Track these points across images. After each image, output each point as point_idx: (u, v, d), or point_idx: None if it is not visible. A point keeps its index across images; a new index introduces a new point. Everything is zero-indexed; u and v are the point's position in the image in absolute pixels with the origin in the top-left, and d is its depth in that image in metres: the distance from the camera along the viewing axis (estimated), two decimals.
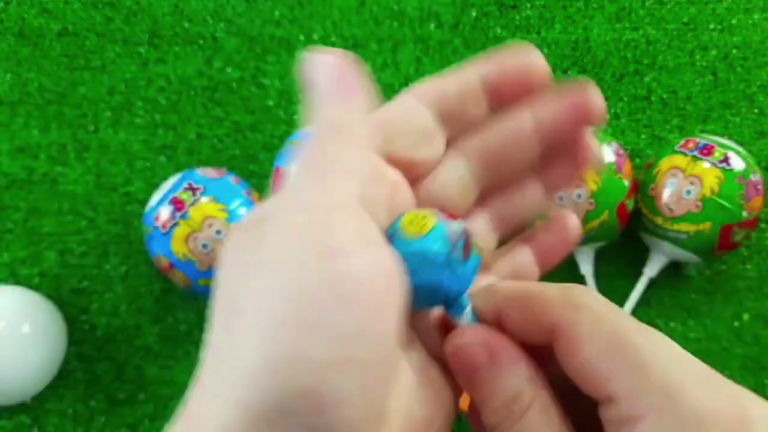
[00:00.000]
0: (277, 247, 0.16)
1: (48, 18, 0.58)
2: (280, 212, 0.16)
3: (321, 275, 0.15)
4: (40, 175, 0.53)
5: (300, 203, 0.16)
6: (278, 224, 0.16)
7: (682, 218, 0.46)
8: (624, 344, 0.17)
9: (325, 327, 0.15)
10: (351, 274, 0.15)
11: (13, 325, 0.45)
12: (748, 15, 0.60)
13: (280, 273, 0.15)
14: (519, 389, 0.18)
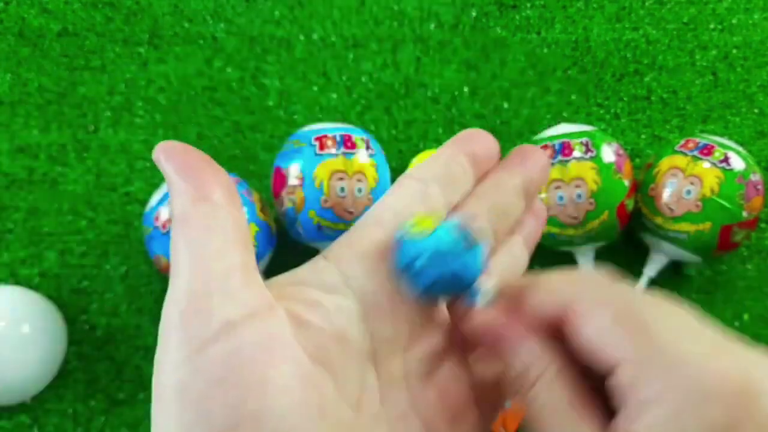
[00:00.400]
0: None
1: (48, 18, 0.58)
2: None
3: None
4: (40, 175, 0.53)
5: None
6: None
7: (682, 218, 0.46)
8: (630, 315, 0.18)
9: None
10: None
11: (13, 325, 0.45)
12: (749, 15, 0.60)
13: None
14: (529, 362, 0.19)
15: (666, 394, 0.16)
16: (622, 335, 0.18)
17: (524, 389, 0.19)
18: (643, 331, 0.17)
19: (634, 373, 0.17)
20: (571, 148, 0.46)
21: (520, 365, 0.19)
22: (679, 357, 0.17)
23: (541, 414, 0.19)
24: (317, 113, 0.56)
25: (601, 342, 0.18)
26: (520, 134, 0.56)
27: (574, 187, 0.45)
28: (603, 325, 0.18)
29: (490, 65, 0.58)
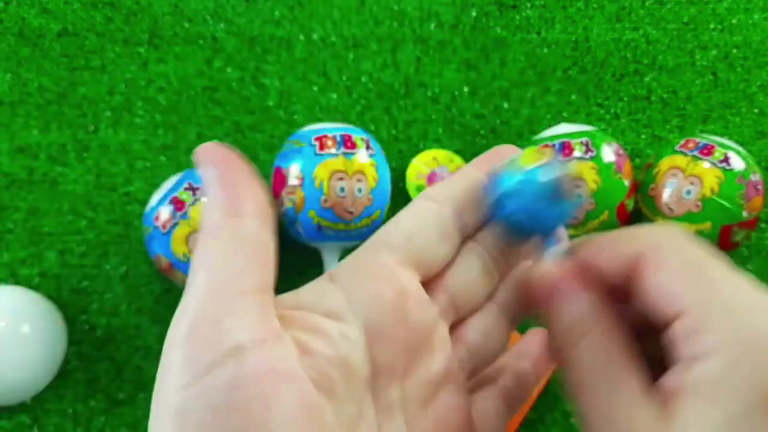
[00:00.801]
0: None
1: (48, 18, 0.58)
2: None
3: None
4: (40, 175, 0.53)
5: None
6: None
7: (682, 218, 0.46)
8: (699, 269, 0.18)
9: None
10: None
11: (13, 325, 0.45)
12: (749, 15, 0.60)
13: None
14: (579, 317, 0.19)
15: (727, 342, 0.16)
16: (689, 284, 0.18)
17: (570, 343, 0.19)
18: (710, 282, 0.18)
19: (694, 323, 0.17)
20: (571, 148, 0.46)
21: (568, 320, 0.20)
22: (742, 308, 0.17)
23: (580, 371, 0.19)
24: (317, 113, 0.56)
25: (667, 289, 0.18)
26: (520, 134, 0.56)
27: (574, 187, 0.45)
28: (672, 273, 0.18)
29: (490, 65, 0.58)
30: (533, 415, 0.47)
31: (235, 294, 0.17)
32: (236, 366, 0.16)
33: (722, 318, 0.17)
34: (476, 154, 0.55)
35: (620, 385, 0.18)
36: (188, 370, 0.16)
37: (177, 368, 0.17)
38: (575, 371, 0.19)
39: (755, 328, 0.17)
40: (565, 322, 0.20)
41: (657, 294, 0.18)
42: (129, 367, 0.50)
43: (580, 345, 0.19)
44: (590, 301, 0.20)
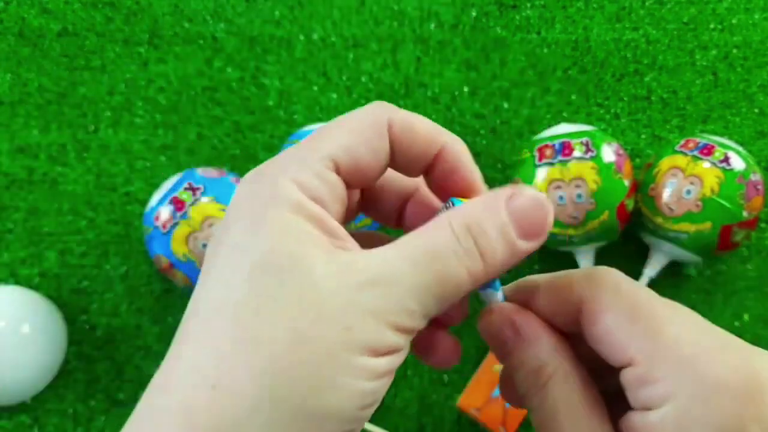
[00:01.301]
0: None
1: (48, 18, 0.58)
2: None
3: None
4: (40, 175, 0.53)
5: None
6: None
7: (682, 218, 0.46)
8: (642, 313, 0.18)
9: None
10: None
11: (13, 325, 0.45)
12: (749, 15, 0.60)
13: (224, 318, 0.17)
14: (543, 360, 0.20)
15: (677, 389, 0.17)
16: (633, 332, 0.18)
17: (536, 387, 0.20)
18: (655, 328, 0.18)
19: (643, 372, 0.18)
20: (571, 148, 0.46)
21: (535, 361, 0.20)
22: (690, 353, 0.17)
23: (553, 410, 0.19)
24: (317, 113, 0.56)
25: (612, 339, 0.19)
26: (520, 134, 0.56)
27: (574, 187, 0.45)
28: (614, 322, 0.19)
29: (490, 65, 0.58)
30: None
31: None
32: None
33: (670, 366, 0.17)
34: (476, 154, 0.55)
35: (590, 422, 0.19)
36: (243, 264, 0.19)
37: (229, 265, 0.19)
38: (542, 414, 0.20)
39: (702, 373, 0.17)
40: (529, 366, 0.20)
41: (603, 343, 0.19)
42: (129, 367, 0.50)
43: (546, 387, 0.19)
44: (553, 344, 0.20)
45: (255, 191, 0.19)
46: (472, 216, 0.18)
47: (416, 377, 0.49)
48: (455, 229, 0.18)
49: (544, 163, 0.46)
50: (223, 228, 0.19)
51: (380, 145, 0.20)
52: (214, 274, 0.18)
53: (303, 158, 0.19)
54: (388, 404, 0.48)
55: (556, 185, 0.46)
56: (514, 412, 0.45)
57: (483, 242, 0.18)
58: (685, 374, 0.17)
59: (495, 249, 0.18)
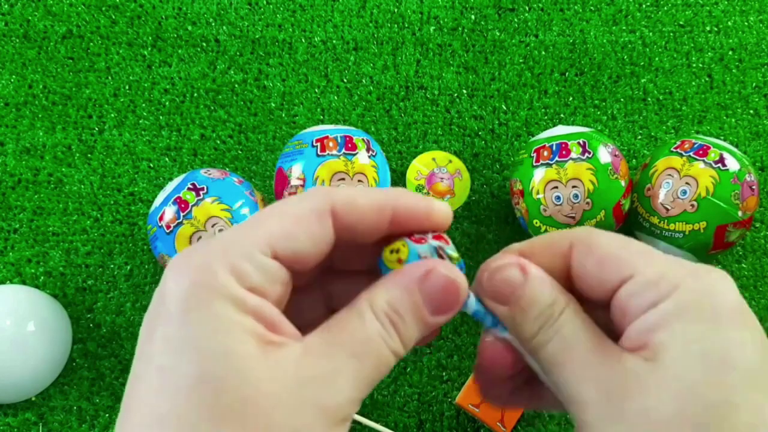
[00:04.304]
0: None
1: (53, 20, 0.58)
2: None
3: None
4: (46, 176, 0.54)
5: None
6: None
7: (677, 218, 0.46)
8: (631, 242, 0.21)
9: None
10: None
11: (19, 323, 0.46)
12: (744, 17, 0.60)
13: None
14: (554, 296, 0.21)
15: (682, 281, 0.19)
16: (630, 252, 0.20)
17: (550, 322, 0.20)
18: (647, 249, 0.20)
19: (650, 274, 0.19)
20: (568, 149, 0.47)
21: (548, 296, 0.21)
22: (683, 264, 0.19)
23: (571, 340, 0.20)
24: (318, 115, 0.57)
25: (613, 259, 0.20)
26: (518, 135, 0.57)
27: (571, 187, 0.46)
28: (612, 246, 0.20)
29: (489, 67, 0.59)
30: (531, 411, 0.48)
31: None
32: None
33: (671, 268, 0.19)
34: (475, 156, 0.56)
35: (603, 346, 0.20)
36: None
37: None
38: (556, 347, 0.20)
39: (698, 267, 0.19)
40: (543, 302, 0.21)
41: (602, 265, 0.20)
42: None
43: (560, 321, 0.20)
44: (558, 285, 0.21)
45: (190, 282, 0.18)
46: (390, 301, 0.20)
47: (416, 374, 0.50)
48: (379, 317, 0.19)
49: (542, 164, 0.47)
50: (154, 324, 0.18)
51: (320, 233, 0.20)
52: (149, 378, 0.17)
53: (239, 245, 0.19)
54: (387, 401, 0.49)
55: (553, 186, 0.46)
56: (512, 410, 0.46)
57: (401, 328, 0.20)
58: (687, 274, 0.19)
59: (411, 330, 0.20)
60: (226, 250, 0.18)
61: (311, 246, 0.20)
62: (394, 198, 0.21)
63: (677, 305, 0.18)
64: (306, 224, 0.20)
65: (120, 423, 0.18)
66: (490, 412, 0.46)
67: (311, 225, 0.20)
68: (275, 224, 0.19)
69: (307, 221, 0.20)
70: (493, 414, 0.46)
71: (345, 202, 0.20)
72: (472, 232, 0.53)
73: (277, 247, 0.19)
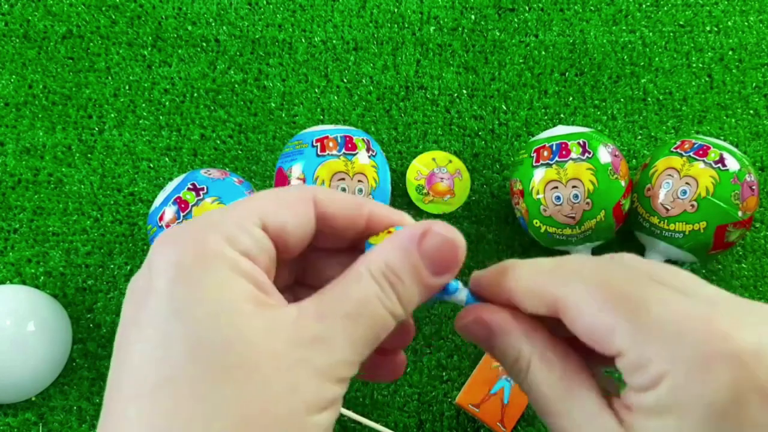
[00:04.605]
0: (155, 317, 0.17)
1: (53, 20, 0.58)
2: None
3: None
4: (46, 176, 0.54)
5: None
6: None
7: (677, 218, 0.47)
8: (618, 299, 0.18)
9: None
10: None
11: (19, 323, 0.46)
12: (744, 17, 0.60)
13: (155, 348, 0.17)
14: (517, 349, 0.21)
15: (669, 368, 0.17)
16: (615, 322, 0.18)
17: (521, 373, 0.20)
18: (634, 311, 0.18)
19: (635, 356, 0.18)
20: (568, 150, 0.47)
21: (512, 350, 0.21)
22: (675, 330, 0.17)
23: (539, 393, 0.20)
24: (318, 115, 0.57)
25: (597, 335, 0.18)
26: (518, 136, 0.57)
27: (571, 187, 0.46)
28: (594, 317, 0.18)
29: (489, 67, 0.59)
30: (531, 411, 0.48)
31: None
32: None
33: (658, 347, 0.17)
34: (474, 155, 0.56)
35: (577, 398, 0.19)
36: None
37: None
38: (534, 396, 0.20)
39: (692, 348, 0.17)
40: (509, 356, 0.21)
41: (589, 340, 0.19)
42: None
43: (529, 373, 0.20)
44: (523, 331, 0.21)
45: (181, 250, 0.18)
46: (387, 262, 0.19)
47: (416, 374, 0.50)
48: (376, 278, 0.19)
49: (542, 164, 0.47)
50: (143, 293, 0.18)
51: (306, 215, 0.20)
52: (142, 347, 0.17)
53: (229, 217, 0.19)
54: (387, 401, 0.49)
55: (553, 186, 0.46)
56: (512, 408, 0.46)
57: (400, 289, 0.19)
58: (675, 352, 0.17)
59: (411, 291, 0.20)
60: (216, 222, 0.19)
61: (297, 226, 0.20)
62: (372, 203, 0.22)
63: (661, 403, 0.17)
64: (292, 205, 0.20)
65: (109, 399, 0.18)
66: (491, 412, 0.46)
67: (296, 206, 0.20)
68: (263, 201, 0.20)
69: (293, 203, 0.20)
70: (493, 414, 0.46)
71: (325, 194, 0.21)
72: (472, 232, 0.53)
73: (266, 220, 0.19)
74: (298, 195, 0.21)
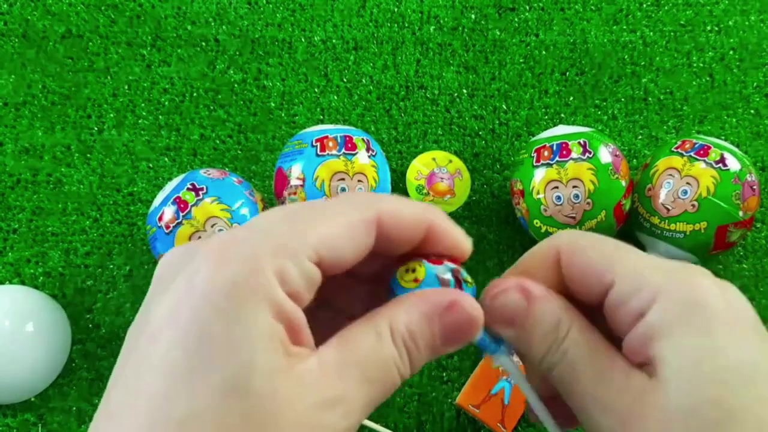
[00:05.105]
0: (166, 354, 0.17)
1: (52, 20, 0.58)
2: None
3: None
4: (45, 176, 0.54)
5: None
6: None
7: (678, 218, 0.46)
8: (611, 247, 0.21)
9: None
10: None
11: (18, 323, 0.46)
12: (745, 17, 0.60)
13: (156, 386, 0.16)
14: (558, 315, 0.21)
15: (661, 289, 0.19)
16: (610, 258, 0.20)
17: (558, 341, 0.20)
18: (625, 253, 0.21)
19: (629, 282, 0.19)
20: (568, 149, 0.47)
21: (552, 317, 0.21)
22: (663, 262, 0.20)
23: (579, 358, 0.20)
24: (318, 115, 0.57)
25: (594, 267, 0.20)
26: (518, 135, 0.56)
27: (571, 187, 0.46)
28: (593, 253, 0.21)
29: (489, 67, 0.58)
30: None
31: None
32: None
33: (649, 275, 0.19)
34: (475, 155, 0.56)
35: (610, 366, 0.20)
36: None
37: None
38: (565, 366, 0.21)
39: (677, 269, 0.20)
40: (547, 323, 0.21)
41: (585, 274, 0.21)
42: None
43: (567, 340, 0.20)
44: (562, 302, 0.21)
45: (233, 273, 0.17)
46: (410, 328, 0.19)
47: (416, 374, 0.50)
48: (396, 343, 0.19)
49: (542, 164, 0.47)
50: (174, 306, 0.17)
51: (366, 242, 0.19)
52: (159, 370, 0.16)
53: (289, 245, 0.18)
54: (387, 401, 0.49)
55: (553, 186, 0.46)
56: (512, 409, 0.46)
57: (414, 355, 0.19)
58: (665, 278, 0.19)
59: (422, 358, 0.20)
60: (276, 249, 0.17)
61: (353, 255, 0.19)
62: (432, 216, 0.21)
63: (664, 318, 0.18)
64: (354, 232, 0.19)
65: (103, 420, 0.17)
66: (491, 412, 0.46)
67: (359, 234, 0.19)
68: (325, 229, 0.18)
69: (356, 229, 0.19)
70: (494, 414, 0.46)
71: (391, 213, 0.20)
72: (473, 232, 0.53)
73: (323, 253, 0.18)
74: (362, 217, 0.19)
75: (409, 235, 0.20)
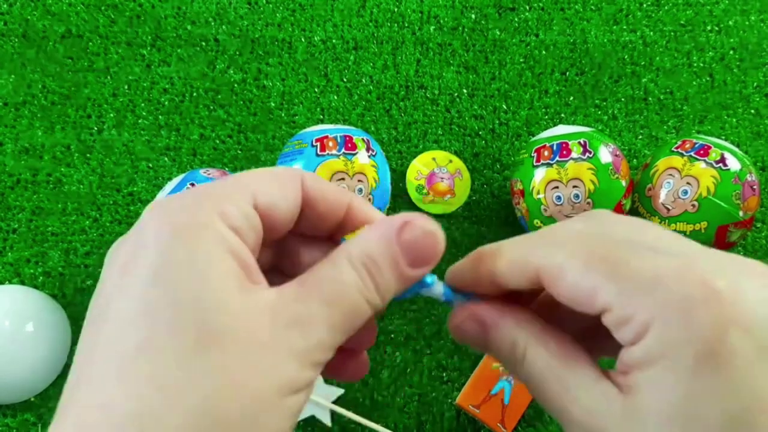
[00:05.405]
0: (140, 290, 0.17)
1: (52, 20, 0.58)
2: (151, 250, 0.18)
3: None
4: (45, 176, 0.54)
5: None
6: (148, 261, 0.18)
7: (678, 218, 0.46)
8: (596, 258, 0.19)
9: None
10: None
11: (18, 323, 0.46)
12: (745, 16, 0.60)
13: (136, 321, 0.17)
14: (512, 337, 0.21)
15: (652, 318, 0.17)
16: (596, 281, 0.18)
17: (518, 361, 0.21)
18: (613, 268, 0.18)
19: (618, 311, 0.18)
20: (568, 149, 0.46)
21: (507, 340, 0.21)
22: (652, 281, 0.18)
23: (539, 378, 0.20)
24: (318, 115, 0.57)
25: (580, 296, 0.19)
26: (518, 135, 0.56)
27: (571, 187, 0.46)
28: (575, 279, 0.19)
29: (489, 67, 0.58)
30: (531, 412, 0.48)
31: None
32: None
33: (638, 300, 0.18)
34: (475, 155, 0.56)
35: (574, 371, 0.19)
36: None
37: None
38: (532, 384, 0.21)
39: (670, 296, 0.17)
40: (504, 347, 0.21)
41: (572, 303, 0.19)
42: None
43: (525, 360, 0.20)
44: (515, 319, 0.21)
45: (175, 218, 0.18)
46: (367, 251, 0.20)
47: (416, 375, 0.50)
48: (356, 266, 0.19)
49: (542, 164, 0.47)
50: (133, 254, 0.18)
51: (294, 195, 0.21)
52: (126, 310, 0.17)
53: (223, 191, 0.19)
54: (387, 401, 0.49)
55: (553, 186, 0.46)
56: (512, 409, 0.46)
57: (378, 278, 0.20)
58: (657, 301, 0.17)
59: (389, 281, 0.20)
60: (209, 194, 0.19)
61: (285, 206, 0.20)
62: (352, 196, 0.22)
63: (650, 351, 0.18)
64: (282, 183, 0.21)
65: (84, 362, 0.17)
66: (491, 412, 0.46)
67: (286, 185, 0.21)
68: (256, 178, 0.20)
69: (283, 181, 0.21)
70: (494, 414, 0.46)
71: (312, 178, 0.22)
72: (473, 232, 0.53)
73: (257, 197, 0.20)
74: (289, 174, 0.21)
75: (332, 209, 0.22)
